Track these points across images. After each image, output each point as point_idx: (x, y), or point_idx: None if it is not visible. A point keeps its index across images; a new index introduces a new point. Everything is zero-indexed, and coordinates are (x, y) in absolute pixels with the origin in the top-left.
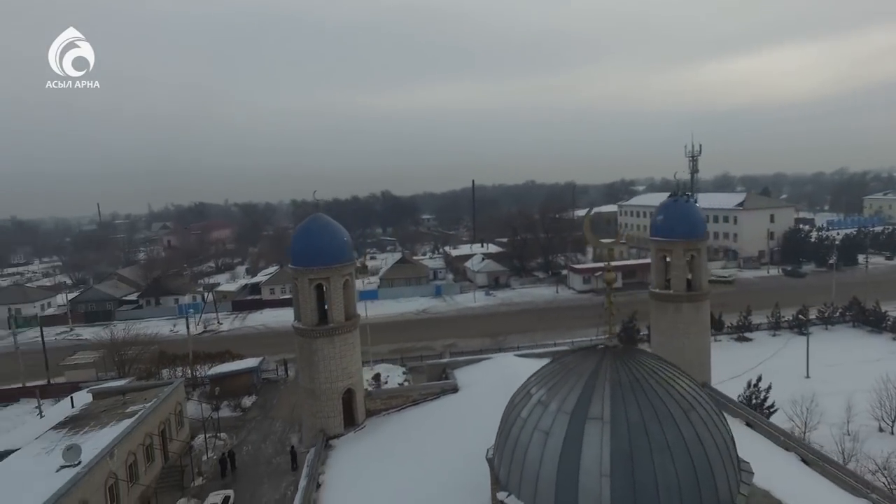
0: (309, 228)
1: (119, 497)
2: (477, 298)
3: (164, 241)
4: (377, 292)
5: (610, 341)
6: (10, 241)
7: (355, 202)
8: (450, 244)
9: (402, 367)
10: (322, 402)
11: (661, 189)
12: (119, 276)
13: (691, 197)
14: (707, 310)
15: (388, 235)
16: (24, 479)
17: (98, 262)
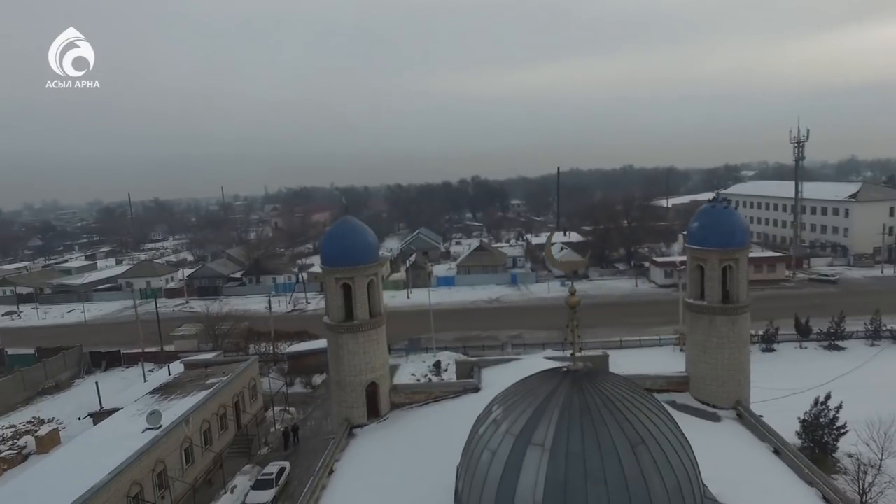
0: (336, 230)
1: (193, 458)
2: (551, 289)
3: (272, 223)
4: (454, 279)
5: (574, 364)
6: (151, 219)
7: (446, 187)
8: (534, 231)
9: (465, 356)
10: (347, 393)
11: (773, 175)
12: (228, 255)
13: (730, 203)
14: (745, 324)
15: (476, 221)
16: (117, 438)
17: (215, 241)
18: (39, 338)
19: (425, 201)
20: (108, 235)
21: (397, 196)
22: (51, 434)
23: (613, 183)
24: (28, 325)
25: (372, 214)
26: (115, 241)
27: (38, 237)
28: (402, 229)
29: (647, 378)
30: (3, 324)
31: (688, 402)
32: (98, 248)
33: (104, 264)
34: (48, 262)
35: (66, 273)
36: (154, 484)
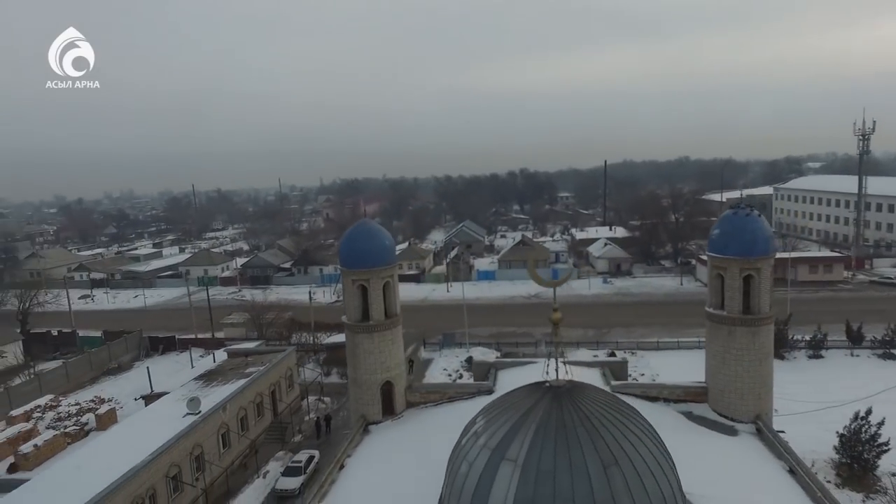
0: (353, 233)
1: (229, 443)
2: (592, 286)
3: (323, 214)
4: (494, 273)
5: (556, 380)
6: (213, 209)
7: (494, 179)
8: (579, 226)
9: (497, 352)
10: (363, 391)
11: (841, 168)
12: (279, 245)
13: (753, 210)
14: (768, 336)
15: (523, 214)
16: (161, 421)
17: (269, 231)
18: (107, 321)
19: (472, 194)
20: (175, 224)
21: (445, 188)
22: (109, 413)
23: (667, 175)
24: (99, 309)
25: (420, 206)
26: (179, 230)
27: (113, 225)
28: (448, 221)
29: (665, 387)
30: (78, 307)
31: (705, 414)
32: (164, 237)
33: (169, 252)
34: (120, 250)
35: (135, 260)
36: (192, 466)
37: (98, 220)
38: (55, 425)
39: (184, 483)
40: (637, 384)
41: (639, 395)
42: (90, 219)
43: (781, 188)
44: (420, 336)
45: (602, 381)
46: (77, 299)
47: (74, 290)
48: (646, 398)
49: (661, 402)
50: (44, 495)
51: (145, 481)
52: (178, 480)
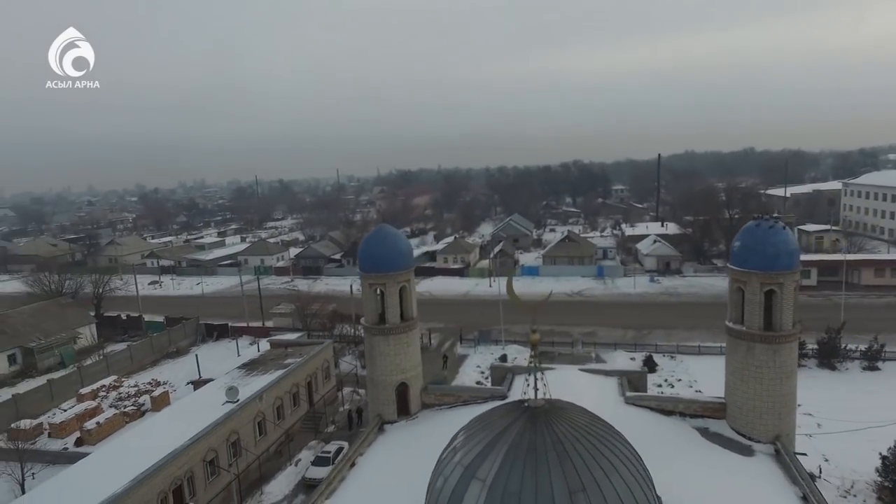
0: (371, 238)
1: (265, 431)
2: (637, 284)
3: (376, 205)
4: (538, 269)
5: (534, 401)
6: (275, 199)
7: (545, 171)
8: (632, 220)
9: (531, 351)
10: (379, 391)
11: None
12: (330, 237)
13: (778, 221)
14: (790, 354)
15: (574, 207)
16: (203, 407)
17: (325, 222)
18: (170, 307)
19: (523, 186)
20: (238, 213)
21: (496, 180)
22: (162, 395)
23: (730, 168)
24: (165, 295)
25: (471, 199)
26: (242, 220)
27: (184, 214)
28: (498, 214)
29: (681, 401)
30: (147, 292)
31: (722, 431)
32: (228, 226)
33: (231, 241)
34: (188, 238)
35: (200, 248)
36: (228, 451)
37: (171, 208)
38: (116, 404)
39: (219, 467)
40: (652, 397)
41: (653, 407)
42: (164, 207)
43: (851, 183)
44: (457, 331)
45: (617, 392)
46: (147, 285)
47: (145, 276)
48: (661, 411)
49: (676, 417)
50: (99, 470)
51: (184, 464)
52: (214, 465)
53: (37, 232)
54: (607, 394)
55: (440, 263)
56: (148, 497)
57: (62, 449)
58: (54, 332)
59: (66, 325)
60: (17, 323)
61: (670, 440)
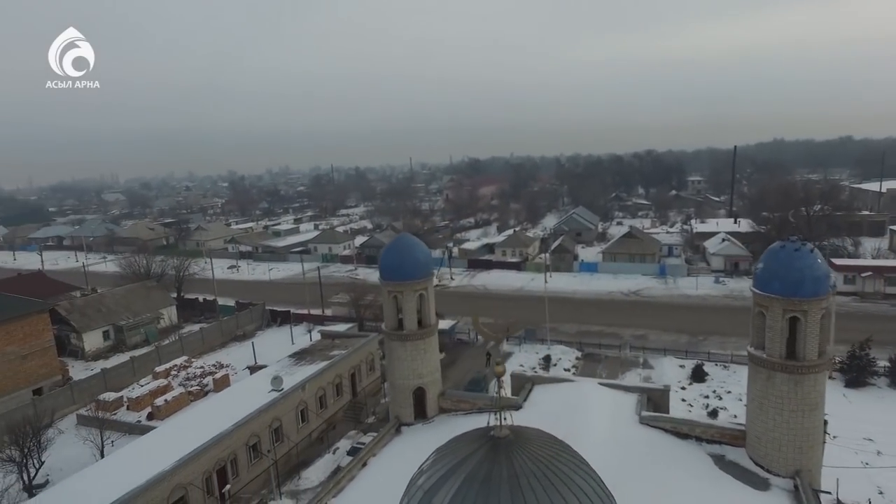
0: (392, 247)
1: (307, 419)
2: (700, 285)
3: (444, 194)
4: (597, 265)
5: (499, 431)
6: (349, 186)
7: (617, 161)
8: (705, 215)
9: (578, 352)
10: (397, 394)
11: None
12: (392, 226)
13: (806, 244)
14: (814, 386)
15: (646, 199)
16: (252, 393)
17: (394, 210)
18: (243, 291)
19: (593, 176)
20: (315, 200)
21: (565, 171)
22: (223, 378)
23: (822, 158)
24: (239, 279)
25: (539, 189)
26: (317, 207)
27: (266, 200)
28: (565, 205)
29: (698, 425)
30: (226, 276)
31: (739, 461)
32: (305, 213)
33: (305, 228)
34: (267, 224)
35: (276, 235)
36: (271, 437)
37: (255, 195)
38: (185, 383)
39: (260, 452)
40: (667, 418)
41: (668, 429)
42: (249, 194)
43: None
44: (504, 328)
45: (633, 411)
46: (226, 269)
47: (226, 261)
48: (676, 434)
49: (692, 441)
50: (161, 444)
51: (228, 447)
52: (257, 449)
53: (141, 215)
54: (622, 412)
55: (498, 256)
56: (193, 476)
57: (136, 422)
58: (141, 312)
59: (151, 306)
60: (111, 303)
61: (680, 466)
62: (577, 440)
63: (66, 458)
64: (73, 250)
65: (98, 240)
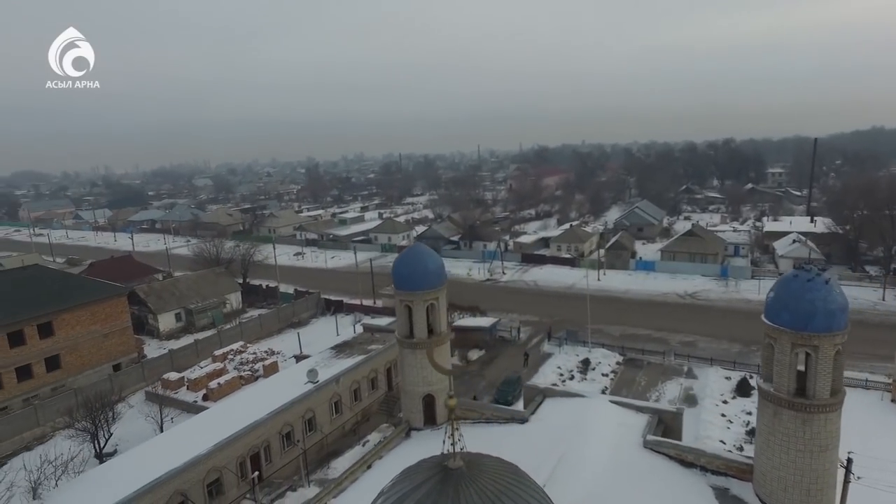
0: (404, 257)
1: (341, 410)
2: (763, 289)
3: (508, 184)
4: (655, 264)
5: (453, 462)
6: (417, 174)
7: (689, 152)
8: (777, 212)
9: (619, 357)
10: (408, 399)
11: None
12: (450, 217)
13: (822, 272)
14: (825, 427)
15: (721, 192)
16: (291, 383)
17: (457, 200)
18: (305, 278)
19: (663, 167)
20: (384, 188)
21: (635, 160)
22: (272, 364)
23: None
24: (302, 266)
25: (606, 179)
26: (384, 195)
27: (337, 188)
28: (632, 197)
29: (704, 454)
30: (290, 263)
31: (743, 496)
32: (372, 201)
33: (370, 216)
34: (335, 212)
35: (342, 223)
36: (304, 426)
37: (328, 182)
38: (239, 368)
39: (293, 440)
40: (672, 444)
41: (672, 456)
42: (323, 181)
43: None
44: (547, 328)
45: (639, 434)
46: (292, 256)
47: (293, 248)
48: (680, 462)
49: (696, 470)
50: (209, 424)
51: (261, 434)
52: (289, 437)
53: (224, 200)
54: (628, 434)
55: (553, 251)
56: (227, 460)
57: (193, 401)
58: (209, 296)
59: (218, 291)
60: (184, 287)
61: (679, 497)
62: (575, 461)
63: (133, 431)
64: (163, 233)
65: (183, 224)
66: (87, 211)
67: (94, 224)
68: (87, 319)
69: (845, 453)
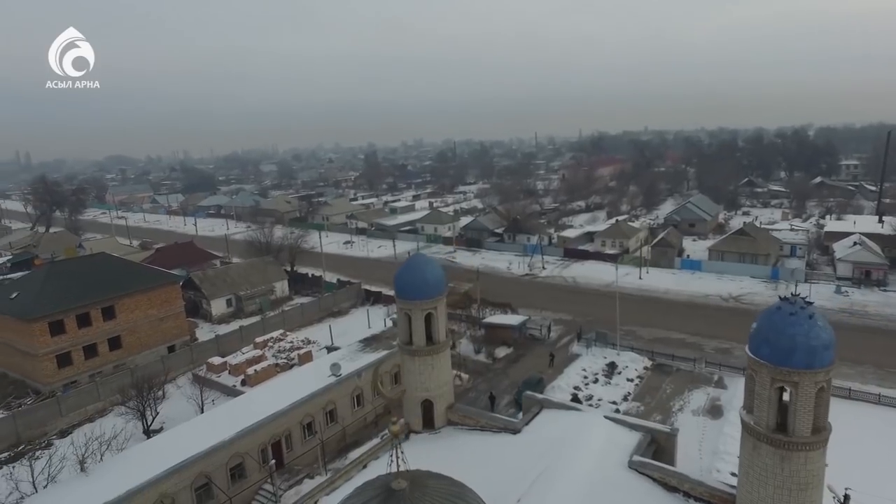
0: (405, 267)
1: (363, 403)
2: (816, 294)
3: (560, 174)
4: (701, 264)
5: (397, 483)
6: (471, 162)
7: (755, 142)
8: (846, 210)
9: (647, 361)
10: (408, 403)
11: None
12: (495, 209)
13: (809, 305)
14: (805, 465)
15: (788, 185)
16: (316, 375)
17: (507, 191)
18: (350, 268)
19: (725, 157)
20: (438, 176)
21: (695, 150)
22: (306, 354)
23: None
24: (351, 255)
25: (665, 170)
26: (437, 184)
27: (392, 175)
28: (689, 189)
29: (687, 480)
30: (339, 251)
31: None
32: (425, 189)
33: (420, 205)
34: (388, 200)
35: (393, 212)
36: (325, 418)
37: (385, 169)
38: (276, 355)
39: (315, 430)
40: (657, 466)
41: (656, 478)
42: (380, 168)
43: None
44: (577, 328)
45: (627, 453)
46: (342, 244)
47: (343, 236)
48: (663, 485)
49: (679, 496)
50: (244, 408)
51: (283, 424)
52: (310, 427)
53: (287, 186)
54: (615, 452)
55: (596, 247)
56: (249, 447)
57: (232, 385)
58: (257, 284)
59: (266, 279)
60: (235, 274)
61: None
62: (555, 478)
63: (179, 410)
64: (226, 219)
65: (245, 210)
66: (163, 196)
67: (168, 208)
68: (144, 304)
69: (842, 489)
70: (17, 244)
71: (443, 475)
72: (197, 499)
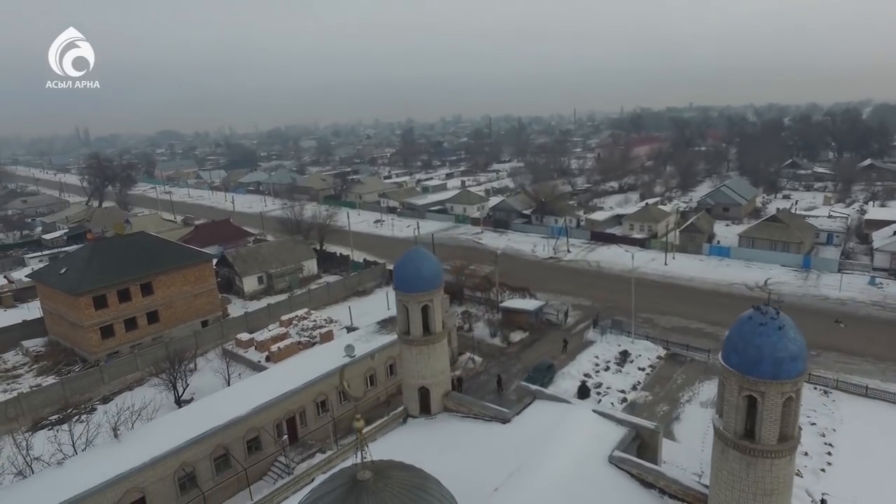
0: (403, 259)
1: (376, 383)
2: (847, 285)
3: (596, 153)
4: (730, 250)
5: (362, 474)
6: (507, 140)
7: (803, 120)
8: (892, 196)
9: (661, 351)
10: (406, 390)
11: None
12: (524, 190)
13: (779, 315)
14: (771, 472)
15: (834, 167)
16: (331, 355)
17: (542, 169)
18: (378, 247)
19: (770, 138)
20: (473, 154)
21: (738, 129)
22: (327, 333)
23: None
24: (381, 234)
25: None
26: (471, 162)
27: (427, 152)
28: (729, 170)
29: (664, 477)
30: (369, 230)
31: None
32: (458, 167)
33: (453, 184)
34: (420, 179)
35: (424, 191)
36: (339, 396)
37: (421, 146)
38: (299, 333)
39: (328, 408)
40: (636, 462)
41: (634, 474)
42: (416, 144)
43: None
44: (594, 314)
45: (609, 448)
46: (373, 223)
47: (374, 215)
48: (641, 482)
49: (655, 492)
50: (266, 383)
51: (297, 402)
52: (324, 404)
53: (325, 163)
54: (598, 447)
55: (625, 230)
56: (265, 422)
57: (257, 361)
58: (287, 262)
59: (295, 257)
60: (265, 253)
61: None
62: (534, 469)
63: (208, 382)
64: (264, 195)
65: (282, 187)
66: (206, 171)
67: (210, 184)
68: (179, 281)
69: (819, 493)
70: (73, 218)
71: (409, 466)
72: (216, 468)
